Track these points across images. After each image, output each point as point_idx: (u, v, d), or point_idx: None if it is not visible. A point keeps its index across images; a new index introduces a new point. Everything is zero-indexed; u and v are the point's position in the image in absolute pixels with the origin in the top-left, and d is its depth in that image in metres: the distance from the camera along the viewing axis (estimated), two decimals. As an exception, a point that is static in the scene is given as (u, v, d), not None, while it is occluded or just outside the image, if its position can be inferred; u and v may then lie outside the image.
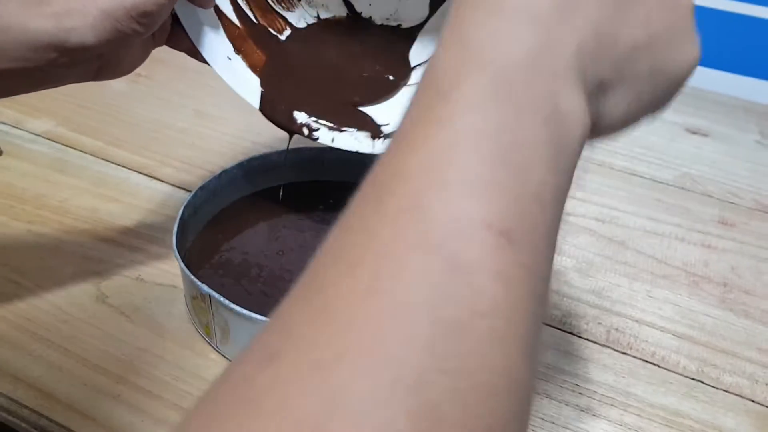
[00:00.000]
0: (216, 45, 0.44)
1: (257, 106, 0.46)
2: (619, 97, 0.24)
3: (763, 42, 0.80)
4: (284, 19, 0.48)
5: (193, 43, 0.43)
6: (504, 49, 0.21)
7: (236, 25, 0.45)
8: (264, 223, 0.55)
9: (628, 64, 0.24)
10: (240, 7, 0.46)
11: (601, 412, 0.44)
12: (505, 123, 0.20)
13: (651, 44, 0.24)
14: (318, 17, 0.48)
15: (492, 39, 0.21)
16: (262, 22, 0.47)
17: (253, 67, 0.46)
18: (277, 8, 0.48)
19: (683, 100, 0.82)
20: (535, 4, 0.22)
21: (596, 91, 0.23)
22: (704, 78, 0.83)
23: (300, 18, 0.48)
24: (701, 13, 0.80)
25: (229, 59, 0.44)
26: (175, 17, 0.43)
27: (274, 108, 0.46)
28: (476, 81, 0.21)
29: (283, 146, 0.58)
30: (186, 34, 0.43)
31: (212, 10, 0.44)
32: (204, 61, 0.44)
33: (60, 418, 0.41)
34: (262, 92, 0.45)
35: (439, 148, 0.20)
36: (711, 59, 0.83)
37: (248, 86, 0.45)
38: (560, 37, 0.22)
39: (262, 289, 0.49)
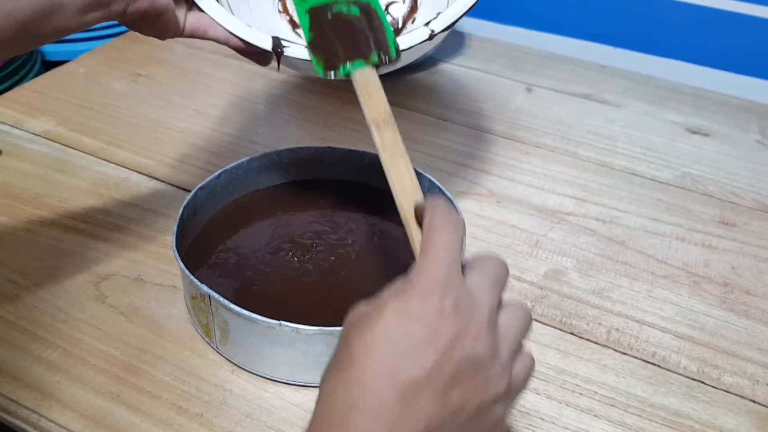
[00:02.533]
0: (233, 17, 0.45)
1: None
2: None
3: (763, 42, 0.80)
4: None
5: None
6: None
7: None
8: (263, 222, 0.55)
9: None
10: None
11: (601, 413, 0.44)
12: None
13: (468, 430, 0.29)
14: None
15: None
16: None
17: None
18: None
19: (684, 100, 0.83)
20: (386, 409, 0.27)
21: None
22: (705, 78, 0.83)
23: None
24: (701, 13, 0.80)
25: (250, 26, 0.45)
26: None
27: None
28: None
29: (283, 145, 0.58)
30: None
31: None
32: (209, 37, 0.45)
33: (59, 418, 0.41)
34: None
35: None
36: (711, 59, 0.83)
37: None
38: None
39: (262, 289, 0.48)
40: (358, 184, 0.59)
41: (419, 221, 0.35)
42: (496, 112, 0.74)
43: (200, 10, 0.45)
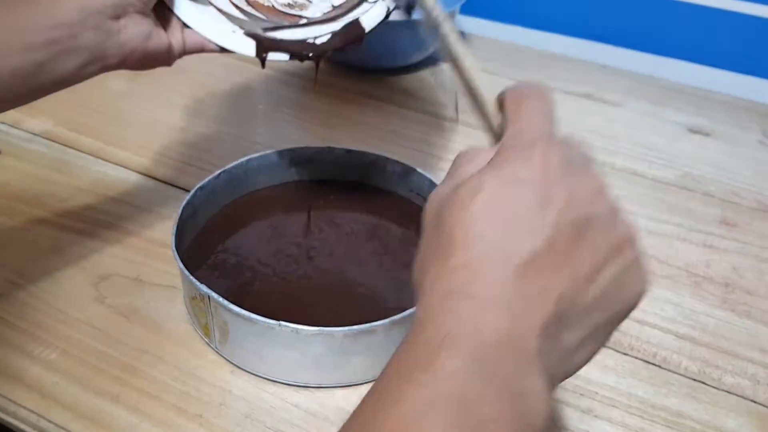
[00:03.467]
0: (219, 26, 0.47)
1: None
2: (582, 350, 0.26)
3: (765, 41, 0.80)
4: None
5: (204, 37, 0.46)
6: (478, 331, 0.23)
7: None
8: (263, 222, 0.55)
9: (588, 321, 0.26)
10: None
11: (602, 414, 0.44)
12: (476, 397, 0.22)
13: (606, 298, 0.26)
14: None
15: (466, 323, 0.23)
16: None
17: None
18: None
19: (685, 100, 0.82)
20: (503, 292, 0.24)
21: (561, 358, 0.25)
22: (706, 77, 0.83)
23: None
24: (702, 12, 0.80)
25: (234, 32, 0.47)
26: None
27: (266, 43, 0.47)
28: (453, 355, 0.23)
29: (283, 145, 0.58)
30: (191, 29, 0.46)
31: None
32: (213, 50, 0.47)
33: (59, 418, 0.41)
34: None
35: (415, 408, 0.22)
36: (713, 58, 0.83)
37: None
38: (526, 322, 0.24)
39: (261, 289, 0.48)
40: (358, 184, 0.59)
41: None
42: (497, 112, 0.74)
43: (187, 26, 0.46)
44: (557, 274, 0.24)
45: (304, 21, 0.49)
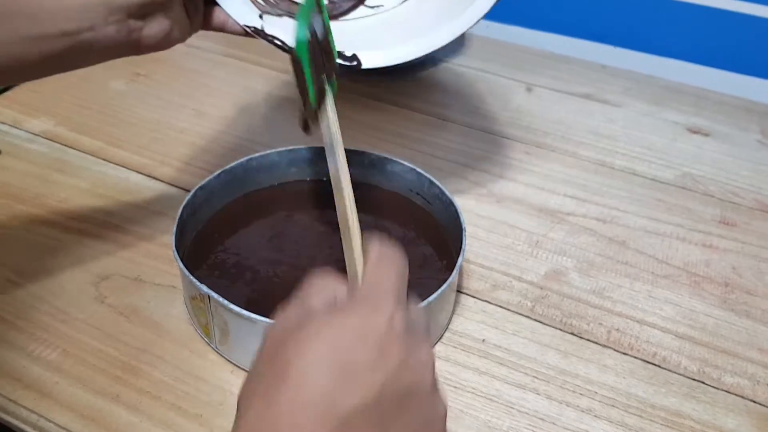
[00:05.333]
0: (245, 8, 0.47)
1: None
2: None
3: (764, 41, 0.80)
4: None
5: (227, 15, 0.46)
6: None
7: None
8: (263, 222, 0.55)
9: None
10: None
11: (602, 413, 0.44)
12: None
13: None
14: None
15: None
16: None
17: None
18: None
19: (685, 100, 0.82)
20: None
21: None
22: (705, 77, 0.83)
23: None
24: (701, 13, 0.80)
25: (261, 18, 0.47)
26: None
27: None
28: None
29: (283, 145, 0.58)
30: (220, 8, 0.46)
31: None
32: (236, 32, 0.47)
33: (59, 418, 0.41)
34: None
35: None
36: (712, 58, 0.83)
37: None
38: None
39: (261, 289, 0.48)
40: (358, 184, 0.58)
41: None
42: (496, 112, 0.74)
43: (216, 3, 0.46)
44: None
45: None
